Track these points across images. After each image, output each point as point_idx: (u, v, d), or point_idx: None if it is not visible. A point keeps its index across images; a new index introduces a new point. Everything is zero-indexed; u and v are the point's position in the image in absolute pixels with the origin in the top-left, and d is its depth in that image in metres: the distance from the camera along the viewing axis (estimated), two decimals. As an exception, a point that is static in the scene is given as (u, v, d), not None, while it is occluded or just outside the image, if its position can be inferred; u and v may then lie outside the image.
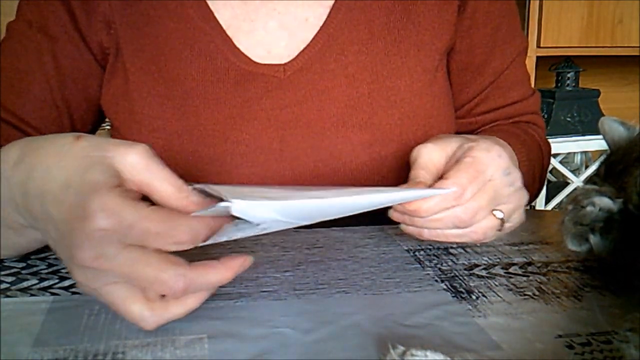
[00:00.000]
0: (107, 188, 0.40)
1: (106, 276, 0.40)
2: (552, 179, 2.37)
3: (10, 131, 0.70)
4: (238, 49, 0.70)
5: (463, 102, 0.80)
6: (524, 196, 0.57)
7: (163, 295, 0.42)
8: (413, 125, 0.71)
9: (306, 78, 0.70)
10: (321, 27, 0.71)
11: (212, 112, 0.69)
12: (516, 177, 0.56)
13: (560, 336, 0.43)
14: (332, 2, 0.71)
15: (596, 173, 0.57)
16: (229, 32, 0.70)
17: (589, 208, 0.51)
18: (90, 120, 0.76)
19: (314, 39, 0.70)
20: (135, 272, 0.40)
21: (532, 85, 0.85)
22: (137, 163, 0.42)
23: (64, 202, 0.41)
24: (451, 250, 0.60)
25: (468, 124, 0.82)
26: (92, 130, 0.78)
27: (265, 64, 0.70)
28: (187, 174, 0.68)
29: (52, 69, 0.70)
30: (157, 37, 0.70)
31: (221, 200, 0.41)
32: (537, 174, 0.79)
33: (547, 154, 0.83)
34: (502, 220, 0.54)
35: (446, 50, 0.75)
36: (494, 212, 0.54)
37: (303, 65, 0.70)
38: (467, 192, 0.52)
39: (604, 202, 0.50)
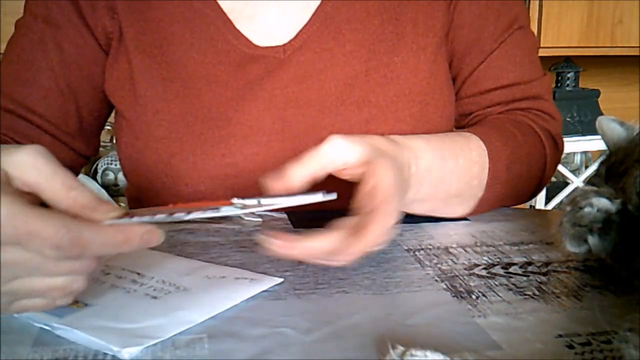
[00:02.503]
0: None
1: None
2: (552, 179, 2.36)
3: (17, 122, 0.72)
4: (239, 32, 0.71)
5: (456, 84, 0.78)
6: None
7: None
8: (408, 101, 0.72)
9: (305, 57, 0.71)
10: (318, 7, 0.72)
11: (214, 95, 0.70)
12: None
13: (560, 336, 0.43)
14: None
15: (596, 174, 0.57)
16: (230, 17, 0.72)
17: (587, 209, 0.51)
18: (97, 108, 0.77)
19: (311, 18, 0.72)
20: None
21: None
22: (23, 161, 0.41)
23: None
24: (451, 250, 0.60)
25: (463, 104, 0.78)
26: (101, 120, 0.79)
27: (266, 47, 0.71)
28: (194, 157, 0.70)
29: (56, 56, 0.72)
30: (159, 22, 0.71)
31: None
32: (533, 172, 0.74)
33: (550, 146, 0.76)
34: None
35: (444, 30, 0.75)
36: None
37: (302, 44, 0.71)
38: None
39: (602, 203, 0.50)
